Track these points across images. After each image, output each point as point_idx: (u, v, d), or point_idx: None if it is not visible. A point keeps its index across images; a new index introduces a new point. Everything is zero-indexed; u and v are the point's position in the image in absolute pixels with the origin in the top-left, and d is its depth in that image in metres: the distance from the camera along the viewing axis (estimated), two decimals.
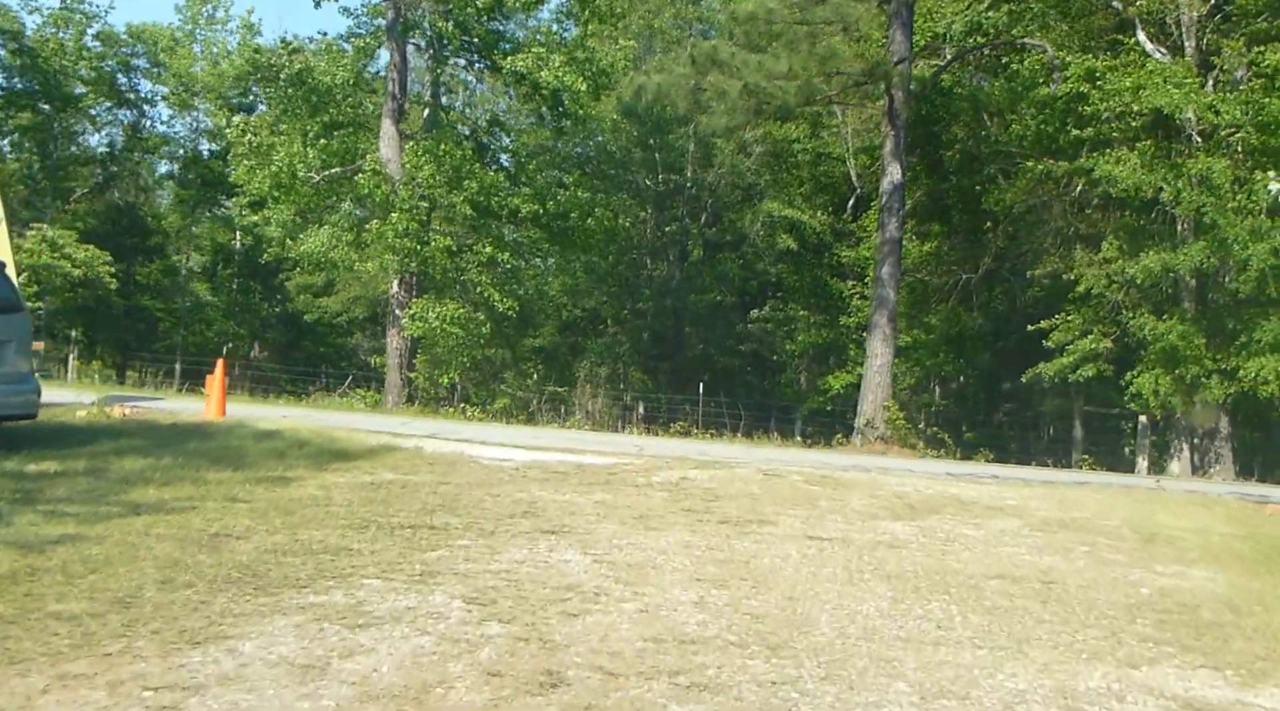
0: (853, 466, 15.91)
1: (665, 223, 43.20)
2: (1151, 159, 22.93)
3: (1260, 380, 22.30)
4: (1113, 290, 24.08)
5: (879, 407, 25.06)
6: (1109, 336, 24.59)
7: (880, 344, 25.32)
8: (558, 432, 22.55)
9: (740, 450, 19.21)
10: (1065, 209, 25.66)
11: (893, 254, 25.37)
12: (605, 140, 41.77)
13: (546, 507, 9.41)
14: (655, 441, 20.74)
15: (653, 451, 16.67)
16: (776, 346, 42.51)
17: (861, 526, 9.48)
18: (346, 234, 27.81)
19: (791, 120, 39.48)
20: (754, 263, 43.06)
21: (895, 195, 25.25)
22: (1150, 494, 13.31)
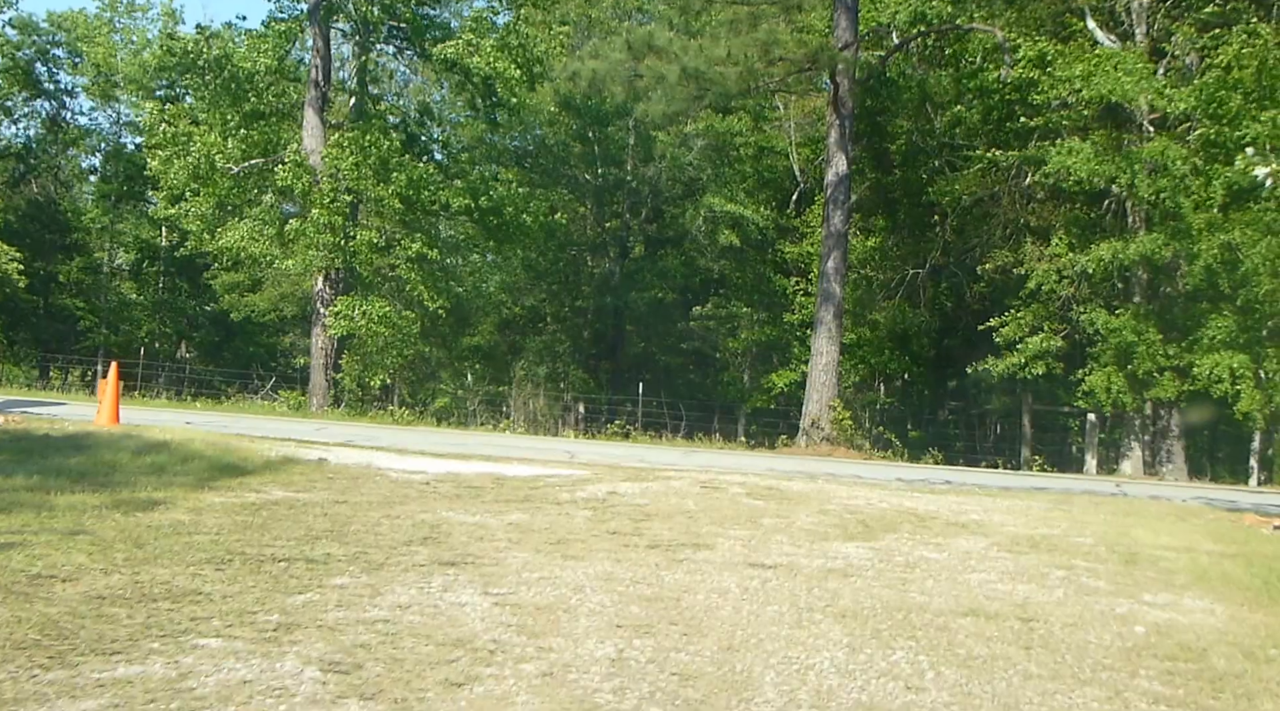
0: (798, 473, 14.86)
1: (605, 218, 42.04)
2: (1104, 148, 22.12)
3: (1214, 379, 21.57)
4: (1063, 285, 23.26)
5: (824, 408, 24.09)
6: (1059, 334, 23.76)
7: (825, 341, 24.35)
8: (488, 437, 21.37)
9: (679, 455, 18.12)
10: (1014, 201, 24.83)
11: (838, 247, 24.40)
12: (543, 133, 40.55)
13: (451, 532, 8.24)
14: (589, 446, 19.60)
15: (585, 458, 15.56)
16: (719, 344, 41.46)
17: (810, 549, 8.39)
18: (268, 228, 26.39)
19: (733, 112, 38.57)
20: (696, 259, 41.97)
21: (841, 187, 24.28)
22: (1118, 503, 12.36)
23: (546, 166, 39.96)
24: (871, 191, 29.66)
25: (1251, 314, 21.94)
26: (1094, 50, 23.01)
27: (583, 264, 42.90)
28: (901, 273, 28.62)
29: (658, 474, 12.60)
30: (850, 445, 24.14)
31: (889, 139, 27.84)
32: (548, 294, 41.75)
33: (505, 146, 40.35)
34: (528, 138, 40.60)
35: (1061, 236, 23.34)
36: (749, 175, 39.79)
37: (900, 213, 29.48)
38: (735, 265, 39.97)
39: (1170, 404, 23.29)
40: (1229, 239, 20.76)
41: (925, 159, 27.52)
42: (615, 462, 14.87)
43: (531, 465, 13.48)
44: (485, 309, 42.53)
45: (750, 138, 38.55)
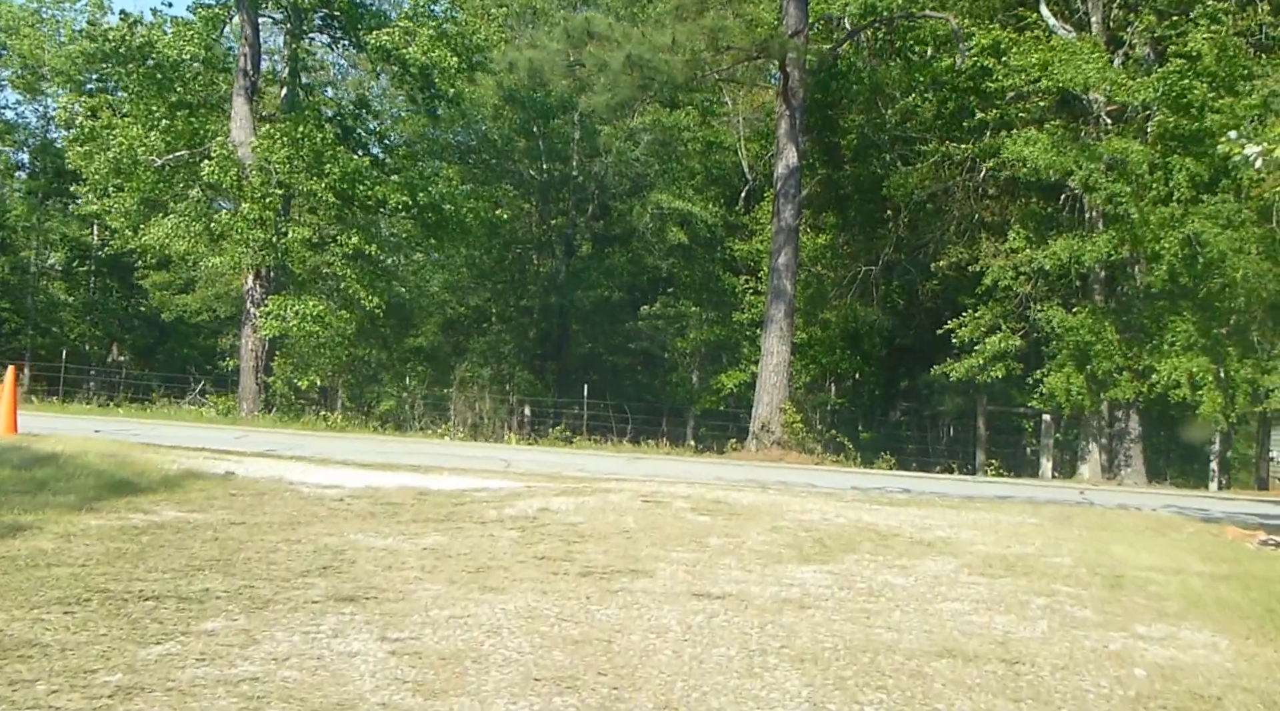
0: (748, 482, 14.00)
1: (551, 215, 41.06)
2: (1061, 140, 21.44)
3: (1172, 383, 20.98)
4: (1020, 282, 22.59)
5: (775, 410, 23.28)
6: (1017, 333, 23.09)
7: (776, 341, 23.55)
8: (424, 444, 20.37)
9: (623, 462, 17.19)
10: (969, 195, 24.12)
11: (789, 243, 23.60)
12: (486, 128, 39.50)
13: (357, 559, 7.27)
14: (528, 453, 18.64)
15: (522, 467, 14.63)
16: (668, 344, 40.59)
17: (762, 574, 7.50)
18: (194, 224, 25.18)
19: (681, 107, 37.73)
20: (643, 257, 41.08)
21: (791, 179, 23.49)
22: (1089, 515, 11.58)
23: (490, 162, 38.92)
24: (822, 187, 28.90)
25: (1212, 311, 21.38)
26: (1049, 40, 22.36)
27: (528, 262, 41.89)
28: (853, 270, 27.85)
29: (597, 485, 11.68)
30: (802, 449, 23.36)
31: (840, 133, 27.10)
32: (492, 293, 40.71)
33: (448, 141, 39.28)
34: (471, 132, 39.51)
35: (1018, 230, 22.67)
36: (697, 172, 38.97)
37: (852, 209, 28.75)
38: (684, 263, 39.10)
39: (1128, 405, 22.70)
40: (1190, 232, 20.15)
41: (877, 153, 26.79)
42: (554, 472, 13.95)
43: (463, 477, 12.52)
44: (429, 309, 41.46)
45: (698, 133, 37.74)
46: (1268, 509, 15.45)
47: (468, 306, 41.76)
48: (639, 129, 37.79)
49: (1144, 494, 17.71)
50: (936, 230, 25.36)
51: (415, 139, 39.66)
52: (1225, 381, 21.09)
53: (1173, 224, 20.36)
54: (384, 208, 26.69)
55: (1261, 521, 12.75)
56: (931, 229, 25.66)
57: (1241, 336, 21.45)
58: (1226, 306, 21.31)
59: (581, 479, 12.80)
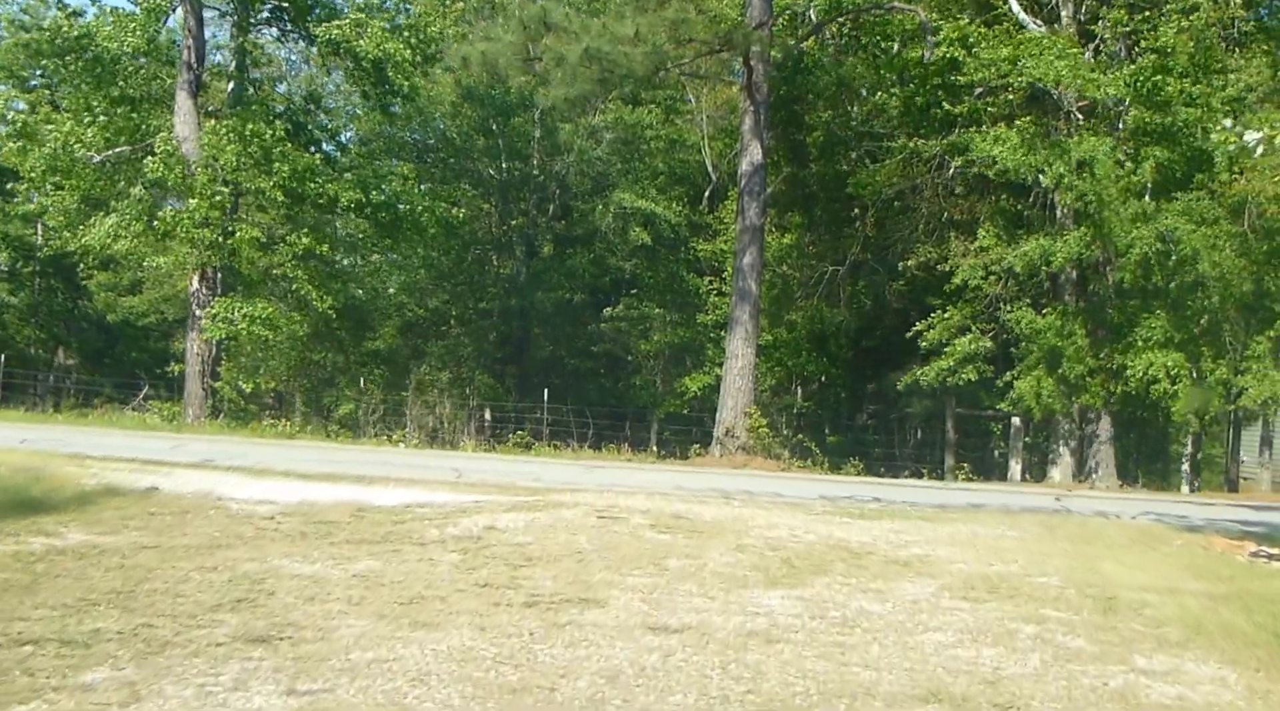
0: (712, 492, 13.34)
1: (511, 216, 40.24)
2: (1032, 138, 20.91)
3: (1149, 378, 20.48)
4: (990, 283, 22.02)
5: (740, 414, 22.64)
6: (987, 335, 22.52)
7: (741, 343, 22.91)
8: (375, 452, 19.60)
9: (580, 470, 16.47)
10: (937, 193, 23.53)
11: (754, 242, 22.97)
12: (445, 127, 38.66)
13: (277, 589, 6.55)
14: (483, 462, 17.89)
15: (474, 477, 13.92)
16: (631, 347, 39.90)
17: (725, 601, 6.83)
18: (136, 223, 24.24)
19: (643, 104, 37.06)
20: (606, 258, 40.35)
21: (756, 177, 22.86)
22: (1070, 526, 10.99)
23: (448, 161, 38.08)
24: (788, 185, 28.25)
25: (1184, 310, 20.91)
26: (1019, 33, 21.83)
27: (488, 263, 41.05)
28: (819, 270, 27.18)
29: (551, 498, 10.98)
30: (767, 454, 22.73)
31: (806, 130, 26.48)
32: (451, 295, 39.86)
33: (405, 140, 38.41)
34: (429, 131, 38.66)
35: (987, 229, 22.11)
36: (661, 171, 38.27)
37: (818, 207, 28.12)
38: (647, 264, 38.36)
39: (1100, 408, 22.19)
40: (1163, 228, 19.65)
41: (844, 150, 26.16)
42: (507, 482, 13.23)
43: (410, 489, 11.80)
44: (387, 311, 40.56)
45: (661, 131, 37.07)
46: (1247, 514, 14.94)
47: (426, 309, 40.90)
48: (601, 127, 37.08)
49: (1119, 499, 17.17)
50: (904, 229, 24.75)
51: (371, 137, 38.81)
52: (1200, 380, 20.62)
53: (1145, 218, 19.86)
54: (336, 207, 25.83)
55: (1244, 528, 12.23)
56: (899, 228, 25.05)
57: (1214, 336, 21.00)
58: (1199, 305, 20.84)
59: (535, 490, 12.09)
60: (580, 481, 14.18)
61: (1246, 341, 21.10)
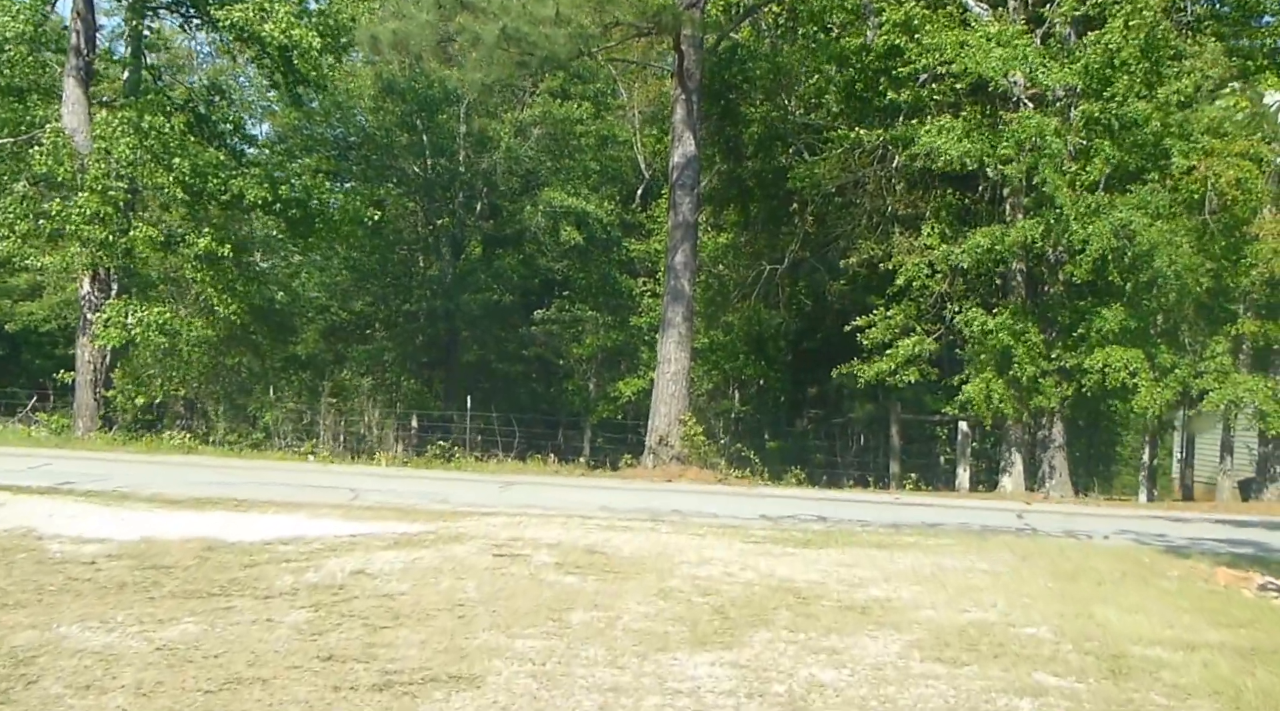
0: (639, 512, 11.90)
1: (437, 215, 38.57)
2: (977, 126, 19.69)
3: (1109, 369, 19.29)
4: (936, 281, 20.76)
5: (674, 422, 21.24)
6: (932, 336, 21.26)
7: (674, 347, 21.51)
8: (274, 468, 17.93)
9: (496, 489, 14.93)
10: (880, 187, 22.20)
11: (687, 239, 21.59)
12: (367, 122, 36.92)
13: (47, 672, 4.98)
14: (391, 479, 16.28)
15: (372, 498, 12.38)
16: (563, 351, 38.40)
17: (639, 673, 5.36)
18: (20, 222, 22.37)
19: (571, 98, 35.61)
20: (536, 259, 38.86)
21: (689, 169, 21.48)
22: (1047, 552, 9.64)
23: (370, 158, 36.31)
24: (723, 181, 26.83)
25: (1140, 308, 19.78)
26: (964, 17, 20.64)
27: (414, 265, 39.39)
28: (757, 269, 25.74)
29: (446, 530, 9.47)
30: (703, 464, 21.33)
31: (741, 122, 25.06)
32: (374, 297, 38.06)
33: (325, 136, 36.61)
34: (350, 126, 36.88)
35: (933, 225, 20.86)
36: (593, 169, 36.86)
37: (755, 204, 26.73)
38: (579, 265, 36.87)
39: (1053, 412, 21.02)
40: (1118, 222, 18.49)
41: (782, 143, 24.76)
42: (408, 505, 11.72)
43: (291, 515, 10.26)
44: (309, 314, 38.67)
45: (591, 126, 35.64)
46: (1228, 531, 13.64)
47: (350, 311, 39.08)
48: (528, 122, 35.59)
49: (1084, 513, 15.89)
50: (846, 225, 23.43)
51: (289, 133, 37.04)
52: (1158, 377, 19.49)
53: (1098, 213, 18.70)
54: (241, 204, 24.04)
55: (1233, 551, 10.96)
56: (840, 224, 23.73)
57: (1172, 336, 19.88)
58: (1155, 304, 19.72)
59: (437, 515, 10.61)
60: (492, 503, 12.68)
61: (1206, 341, 20.04)
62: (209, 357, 32.03)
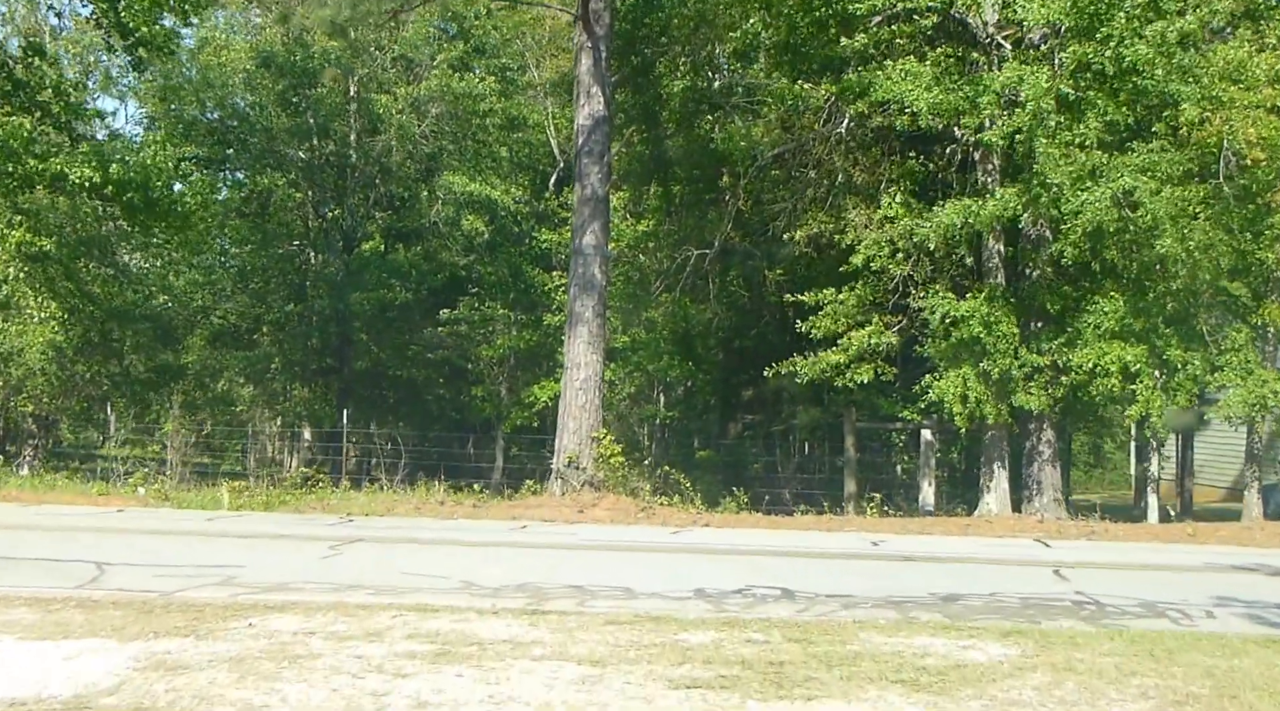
0: (514, 592, 8.17)
1: (326, 205, 34.42)
2: (948, 72, 16.13)
3: (1100, 371, 15.88)
4: (897, 261, 17.11)
5: (585, 440, 17.49)
6: (893, 327, 17.65)
7: (584, 347, 17.79)
8: (46, 516, 13.87)
9: (319, 553, 10.94)
10: (830, 150, 18.48)
11: (598, 217, 17.87)
12: (243, 101, 32.66)
13: None
14: (189, 537, 12.28)
15: (116, 578, 8.53)
16: (471, 353, 34.44)
17: None
18: None
19: (471, 70, 31.66)
20: (438, 253, 34.87)
21: (597, 133, 17.75)
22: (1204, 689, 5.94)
23: (249, 142, 32.05)
24: (639, 157, 23.02)
25: (1146, 291, 16.31)
26: None
27: (303, 261, 35.20)
28: (682, 256, 21.79)
29: (169, 656, 5.61)
30: (624, 489, 17.59)
31: (660, 82, 21.31)
32: (253, 297, 33.83)
33: (197, 118, 32.28)
34: (224, 107, 32.58)
35: (893, 194, 17.22)
36: (502, 157, 32.96)
37: (677, 181, 22.98)
38: (487, 259, 32.85)
39: (1041, 417, 17.53)
40: (1119, 188, 15.02)
41: (709, 105, 21.02)
42: (161, 594, 7.85)
43: None
44: (187, 317, 34.31)
45: (497, 104, 31.69)
46: None
47: (231, 314, 34.78)
48: (424, 98, 31.55)
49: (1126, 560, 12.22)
50: (786, 201, 19.71)
51: (156, 114, 32.76)
52: (1164, 379, 16.09)
53: (1093, 177, 15.27)
54: (63, 185, 19.85)
55: None
56: (780, 200, 20.01)
57: (1183, 326, 16.41)
58: (1163, 288, 16.26)
59: (189, 617, 6.75)
60: (302, 578, 8.86)
61: (1224, 330, 16.66)
62: (56, 367, 27.86)
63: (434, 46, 32.47)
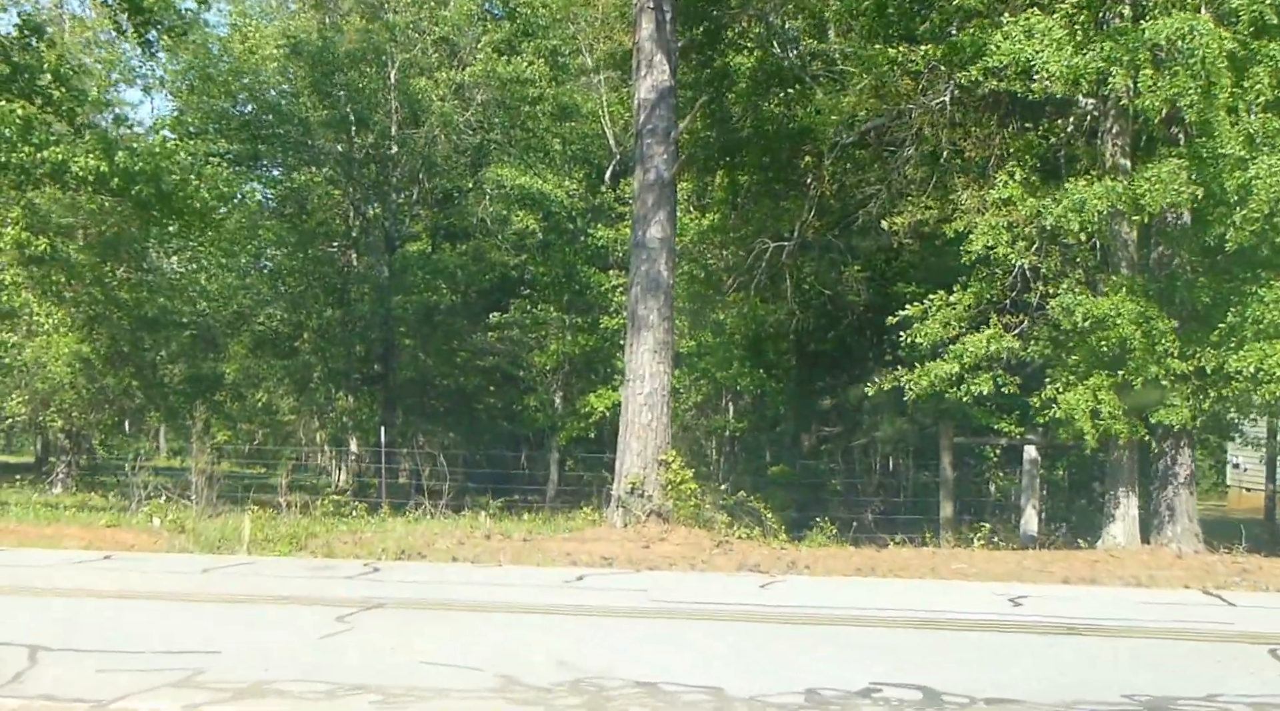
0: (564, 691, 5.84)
1: (366, 202, 32.41)
2: (1085, 26, 13.57)
3: (1264, 377, 13.29)
4: (1018, 251, 14.56)
5: (651, 464, 15.13)
6: (1013, 330, 15.08)
7: (649, 356, 15.43)
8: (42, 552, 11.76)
9: (319, 626, 8.52)
10: (933, 123, 15.89)
11: (663, 205, 15.49)
12: (275, 93, 30.69)
13: None
14: (179, 605, 9.99)
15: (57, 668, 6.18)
16: (523, 359, 32.26)
17: None
18: None
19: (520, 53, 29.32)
20: (487, 252, 32.71)
21: (662, 107, 15.41)
22: None
23: (279, 133, 30.05)
24: (701, 142, 20.47)
25: None
26: None
27: (345, 263, 33.22)
28: (759, 246, 19.09)
29: None
30: (695, 520, 15.20)
31: (729, 52, 18.84)
32: (291, 302, 31.82)
33: (226, 111, 30.34)
34: (257, 100, 30.61)
35: (1011, 170, 14.62)
36: (554, 150, 30.67)
37: (748, 167, 20.45)
38: (540, 258, 30.58)
39: (1180, 433, 14.94)
40: None
41: (785, 78, 18.47)
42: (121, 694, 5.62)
43: None
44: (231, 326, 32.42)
45: (547, 90, 29.42)
46: None
47: (269, 319, 32.82)
48: (470, 83, 29.35)
49: None
50: (874, 184, 17.14)
51: (185, 108, 30.82)
52: None
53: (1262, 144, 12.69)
54: (63, 175, 17.81)
55: None
56: (866, 183, 17.47)
57: None
58: None
59: None
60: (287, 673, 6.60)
61: None
62: (85, 380, 26.04)
63: (478, 27, 30.25)
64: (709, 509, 15.77)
